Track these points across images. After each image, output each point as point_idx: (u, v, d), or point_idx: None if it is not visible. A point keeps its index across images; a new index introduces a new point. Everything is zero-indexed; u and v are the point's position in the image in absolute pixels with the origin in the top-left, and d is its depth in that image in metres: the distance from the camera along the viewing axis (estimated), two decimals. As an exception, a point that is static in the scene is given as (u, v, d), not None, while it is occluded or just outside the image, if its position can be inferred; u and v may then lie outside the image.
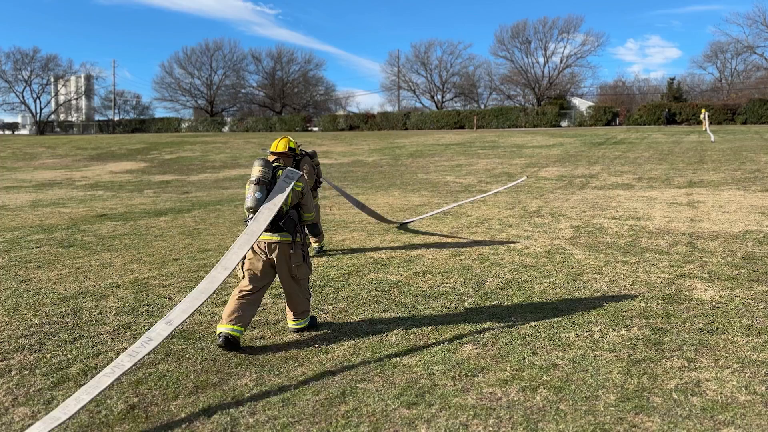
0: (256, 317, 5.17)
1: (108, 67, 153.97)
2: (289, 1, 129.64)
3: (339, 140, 39.07)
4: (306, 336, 4.77)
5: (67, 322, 5.19)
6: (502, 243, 8.30)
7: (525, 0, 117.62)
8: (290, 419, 3.41)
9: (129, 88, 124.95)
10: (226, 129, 65.28)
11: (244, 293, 4.53)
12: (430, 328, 4.91)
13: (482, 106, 68.60)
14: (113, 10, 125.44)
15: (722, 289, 5.81)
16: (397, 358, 4.27)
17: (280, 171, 4.61)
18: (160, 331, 3.86)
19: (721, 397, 3.56)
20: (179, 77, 78.29)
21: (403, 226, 9.91)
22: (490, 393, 3.70)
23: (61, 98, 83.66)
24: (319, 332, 4.84)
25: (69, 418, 3.28)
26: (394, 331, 4.84)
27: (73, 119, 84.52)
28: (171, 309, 4.21)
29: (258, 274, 4.56)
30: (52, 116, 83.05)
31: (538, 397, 3.61)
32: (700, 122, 40.45)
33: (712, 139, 29.16)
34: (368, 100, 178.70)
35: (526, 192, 14.26)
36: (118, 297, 5.97)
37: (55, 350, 4.52)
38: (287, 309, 4.86)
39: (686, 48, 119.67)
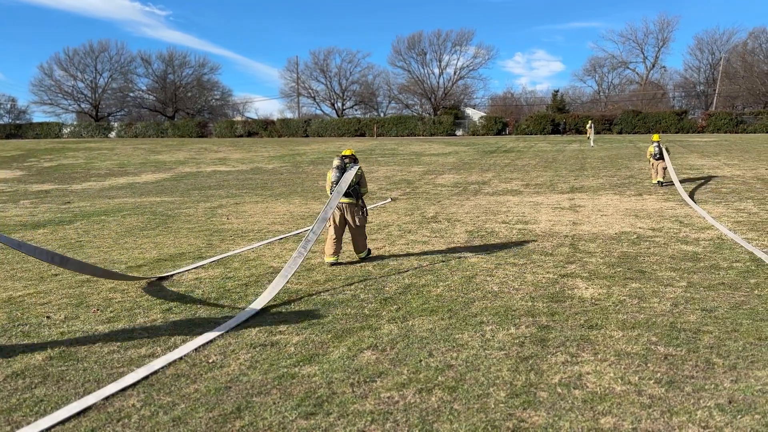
0: (145, 335, 4.94)
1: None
2: (180, 3, 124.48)
3: (237, 147, 38.12)
4: (199, 352, 4.61)
5: (-76, 349, 4.66)
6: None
7: (420, 12, 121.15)
8: (182, 439, 3.27)
9: (2, 91, 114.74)
10: (113, 135, 61.63)
11: (332, 237, 7.47)
12: (329, 336, 4.90)
13: (382, 115, 69.75)
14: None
15: (601, 287, 6.25)
16: (296, 369, 4.22)
17: (348, 164, 7.59)
18: (311, 237, 6.74)
19: (600, 389, 3.83)
20: (60, 79, 73.21)
21: (163, 279, 6.99)
22: (388, 397, 3.74)
23: None
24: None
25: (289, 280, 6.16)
26: (293, 341, 4.78)
27: (-64, 123, 76.28)
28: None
29: (337, 223, 7.50)
30: None
31: (433, 398, 3.71)
32: (584, 132, 43.45)
33: (592, 145, 31.52)
34: (267, 106, 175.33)
35: (425, 198, 14.62)
36: (-12, 318, 5.44)
37: None
38: (353, 249, 7.82)
39: (568, 62, 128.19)
